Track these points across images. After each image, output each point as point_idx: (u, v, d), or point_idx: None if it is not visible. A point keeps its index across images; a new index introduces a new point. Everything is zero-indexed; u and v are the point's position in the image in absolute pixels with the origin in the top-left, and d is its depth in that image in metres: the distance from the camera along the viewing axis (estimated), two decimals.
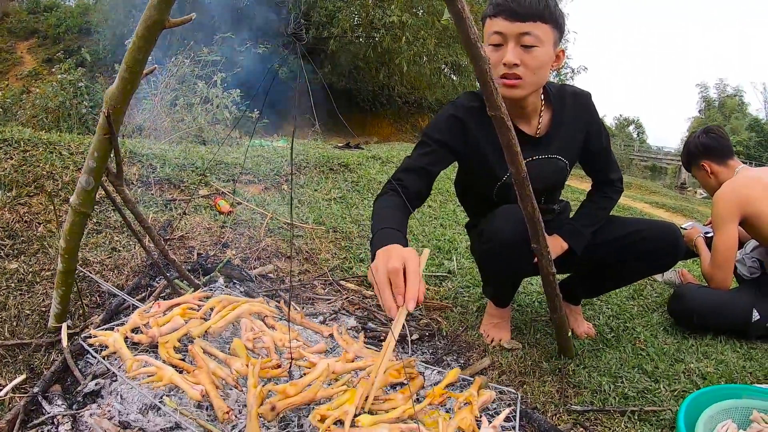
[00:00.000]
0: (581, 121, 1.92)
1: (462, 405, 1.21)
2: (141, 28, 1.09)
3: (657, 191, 14.93)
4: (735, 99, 48.75)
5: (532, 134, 1.87)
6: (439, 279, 2.78)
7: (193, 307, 1.43)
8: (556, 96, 1.89)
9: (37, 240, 2.22)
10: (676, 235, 2.02)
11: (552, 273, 1.69)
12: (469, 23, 1.10)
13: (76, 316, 1.83)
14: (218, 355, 1.22)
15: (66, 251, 1.52)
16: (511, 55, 1.62)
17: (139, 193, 2.90)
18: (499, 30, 1.63)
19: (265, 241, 2.72)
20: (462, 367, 1.90)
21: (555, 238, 2.00)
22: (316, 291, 2.35)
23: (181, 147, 4.04)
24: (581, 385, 1.88)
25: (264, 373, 1.15)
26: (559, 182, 2.05)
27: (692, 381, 2.00)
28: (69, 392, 1.47)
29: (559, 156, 1.92)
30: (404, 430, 1.03)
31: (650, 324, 2.53)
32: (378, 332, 2.04)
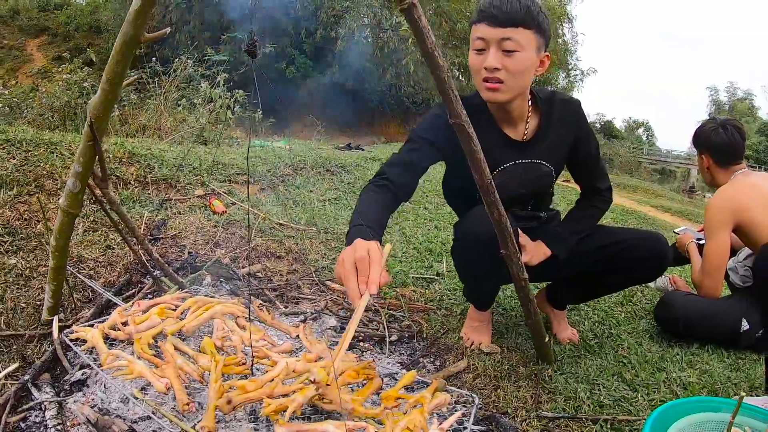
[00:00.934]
0: (569, 127, 1.95)
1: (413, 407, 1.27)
2: (118, 43, 1.18)
3: (663, 195, 14.96)
4: (745, 102, 48.48)
5: (518, 139, 1.91)
6: (426, 281, 2.83)
7: (171, 307, 1.51)
8: (545, 102, 1.91)
9: (36, 237, 2.31)
10: (663, 246, 2.02)
11: (523, 279, 1.70)
12: (426, 33, 1.14)
13: (69, 310, 1.92)
14: (188, 351, 1.31)
15: (56, 249, 1.61)
16: (492, 59, 1.66)
17: (136, 193, 2.99)
18: (481, 35, 1.67)
19: (256, 241, 2.81)
20: (438, 369, 1.94)
21: (539, 244, 2.01)
22: (302, 291, 2.43)
23: (180, 148, 4.13)
24: (556, 391, 1.87)
25: (228, 370, 1.24)
26: (545, 188, 2.05)
27: (672, 390, 1.98)
28: (57, 381, 1.56)
29: (543, 161, 1.95)
30: (351, 428, 1.10)
31: (636, 331, 2.52)
32: (357, 332, 2.11)
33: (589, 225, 2.08)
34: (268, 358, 1.31)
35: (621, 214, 7.21)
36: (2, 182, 2.58)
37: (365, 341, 2.04)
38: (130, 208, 2.83)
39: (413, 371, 1.54)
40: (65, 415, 1.41)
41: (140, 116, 6.56)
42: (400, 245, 3.35)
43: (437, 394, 1.33)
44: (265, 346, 1.37)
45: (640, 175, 29.59)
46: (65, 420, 1.38)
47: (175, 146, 4.39)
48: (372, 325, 2.20)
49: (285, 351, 1.40)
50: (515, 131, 1.91)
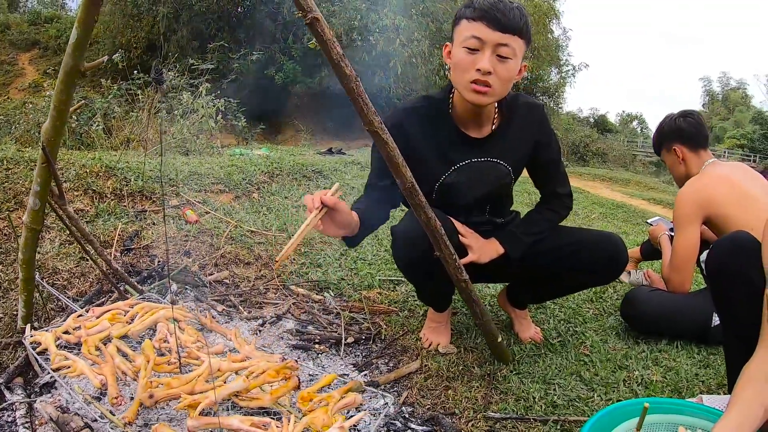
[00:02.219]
0: (530, 130, 1.95)
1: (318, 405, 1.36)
2: (61, 73, 1.30)
3: (655, 187, 15.00)
4: (738, 92, 48.77)
5: (476, 137, 1.92)
6: (393, 283, 2.91)
7: (122, 313, 1.64)
8: (508, 104, 1.92)
9: (14, 251, 2.42)
10: (618, 248, 2.01)
11: (464, 280, 1.72)
12: (330, 44, 1.21)
13: (43, 319, 2.04)
14: (128, 352, 1.43)
15: (23, 262, 1.73)
16: (487, 62, 1.66)
17: (112, 206, 3.10)
18: (479, 36, 1.66)
19: (225, 248, 2.93)
20: (391, 370, 2.01)
21: (492, 241, 2.00)
22: (266, 296, 2.55)
23: (158, 159, 4.24)
24: (509, 391, 1.90)
25: (159, 369, 1.36)
26: (503, 188, 2.04)
27: (632, 390, 1.98)
28: (29, 384, 1.68)
29: (500, 160, 1.94)
30: (255, 422, 1.21)
31: (603, 328, 2.52)
32: (314, 334, 2.22)
33: (546, 227, 2.06)
34: (198, 358, 1.43)
35: (611, 208, 7.27)
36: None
37: (321, 343, 2.14)
38: (106, 220, 2.94)
39: (333, 373, 1.62)
40: (34, 414, 1.53)
41: (125, 128, 6.68)
42: (372, 247, 3.46)
43: (349, 394, 1.42)
44: (197, 347, 1.49)
45: (635, 168, 29.61)
46: (33, 419, 1.50)
47: (155, 158, 4.50)
48: (331, 327, 2.31)
49: (217, 352, 1.52)
50: (479, 132, 1.93)
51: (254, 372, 1.37)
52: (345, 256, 3.24)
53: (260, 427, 1.19)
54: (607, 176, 14.89)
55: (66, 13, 27.46)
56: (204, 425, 1.17)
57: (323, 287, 2.76)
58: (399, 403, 1.78)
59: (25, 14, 27.82)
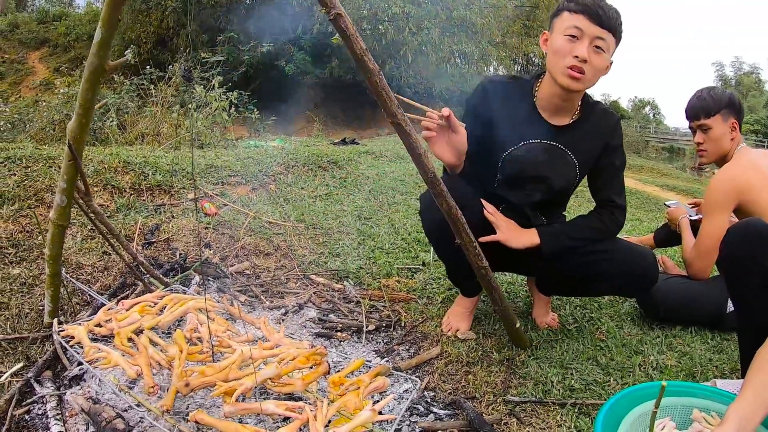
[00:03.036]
0: (602, 134, 2.01)
1: (349, 389, 1.39)
2: (86, 72, 1.32)
3: (669, 173, 14.91)
4: (752, 77, 48.11)
5: (553, 123, 2.00)
6: (411, 271, 2.94)
7: (151, 305, 1.67)
8: (590, 105, 2.03)
9: (37, 248, 2.47)
10: (649, 265, 2.03)
11: (483, 267, 1.75)
12: (354, 39, 1.25)
13: (69, 313, 2.08)
14: (161, 343, 1.47)
15: (50, 258, 1.76)
16: (584, 50, 1.79)
17: (131, 200, 3.15)
18: (580, 26, 1.79)
19: (245, 240, 2.96)
20: (412, 356, 2.04)
21: (530, 230, 2.02)
22: (287, 286, 2.58)
23: (174, 154, 4.28)
24: (528, 375, 1.92)
25: (192, 358, 1.40)
26: (564, 182, 2.05)
27: (647, 374, 2.00)
28: (58, 377, 1.72)
29: (569, 151, 2.00)
30: (291, 407, 1.24)
31: (618, 314, 2.54)
32: (335, 322, 2.25)
33: (590, 237, 2.04)
34: (229, 347, 1.46)
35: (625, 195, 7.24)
36: (5, 198, 2.74)
37: (343, 331, 2.17)
38: (126, 214, 2.98)
39: (361, 359, 1.66)
40: (64, 406, 1.57)
41: (139, 123, 6.73)
42: (389, 236, 3.48)
43: (378, 378, 1.44)
44: (228, 336, 1.52)
45: (648, 154, 29.35)
46: (64, 411, 1.54)
47: (171, 152, 4.55)
48: (352, 315, 2.34)
49: (247, 341, 1.55)
50: (556, 119, 2.00)
51: (285, 359, 1.40)
52: (363, 245, 3.26)
53: (295, 410, 1.21)
54: None
55: (74, 10, 27.59)
56: (241, 411, 1.21)
57: (343, 276, 2.79)
58: (421, 388, 1.81)
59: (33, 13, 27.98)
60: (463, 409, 1.68)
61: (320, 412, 1.24)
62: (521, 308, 2.52)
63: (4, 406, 1.54)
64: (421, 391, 1.80)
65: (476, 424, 1.58)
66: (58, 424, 1.44)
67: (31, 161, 3.18)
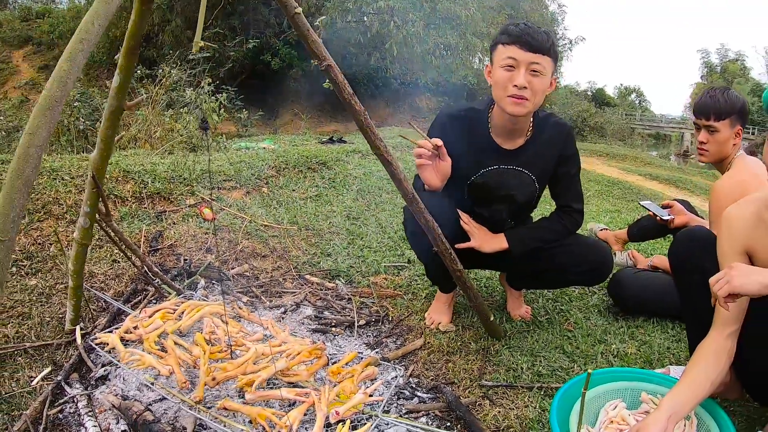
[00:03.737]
0: (556, 146, 2.19)
1: (345, 377, 1.64)
2: (107, 112, 1.54)
3: (652, 162, 15.10)
4: (737, 64, 48.50)
5: (507, 148, 2.18)
6: (397, 269, 3.16)
7: (170, 311, 1.89)
8: (540, 121, 2.20)
9: (50, 259, 2.68)
10: (605, 259, 2.29)
11: (458, 270, 2.01)
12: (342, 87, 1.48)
13: (87, 319, 2.29)
14: (184, 345, 1.70)
15: (74, 272, 1.98)
16: (521, 78, 1.93)
17: (134, 208, 3.35)
18: (513, 56, 1.94)
19: (243, 243, 3.18)
20: (398, 347, 2.28)
21: (499, 236, 2.25)
22: (284, 286, 2.80)
23: (170, 159, 4.47)
24: (501, 363, 2.16)
25: (213, 356, 1.63)
26: (526, 196, 2.26)
27: (608, 361, 2.22)
28: (84, 378, 1.93)
29: (525, 169, 2.19)
30: (299, 393, 1.49)
31: (587, 306, 2.76)
32: (329, 318, 2.48)
33: (552, 238, 2.27)
34: (243, 345, 1.70)
35: (606, 186, 7.43)
36: None
37: (337, 326, 2.40)
38: (130, 223, 3.19)
39: (354, 351, 1.90)
40: (93, 404, 1.78)
41: (131, 126, 6.88)
42: (376, 235, 3.70)
43: (369, 368, 1.69)
44: (242, 336, 1.76)
45: (634, 141, 29.65)
46: (94, 408, 1.76)
47: (166, 157, 4.73)
48: (344, 312, 2.57)
49: (257, 339, 1.79)
50: (511, 143, 2.18)
51: (291, 354, 1.65)
52: (352, 244, 3.49)
53: (303, 395, 1.46)
54: (604, 152, 15.02)
55: (56, 6, 27.39)
56: (260, 397, 1.45)
57: (334, 275, 3.01)
58: (406, 375, 2.05)
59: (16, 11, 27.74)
60: (443, 393, 1.93)
61: (323, 396, 1.48)
62: (498, 302, 2.77)
63: (38, 408, 1.73)
64: (406, 377, 2.04)
65: (454, 406, 1.83)
66: (91, 419, 1.66)
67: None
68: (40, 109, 0.91)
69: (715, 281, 1.47)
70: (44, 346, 2.10)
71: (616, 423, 1.67)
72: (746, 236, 1.61)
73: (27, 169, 0.89)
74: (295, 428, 1.38)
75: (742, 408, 1.94)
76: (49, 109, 0.91)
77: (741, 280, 1.41)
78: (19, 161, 0.90)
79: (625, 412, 1.71)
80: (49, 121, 0.92)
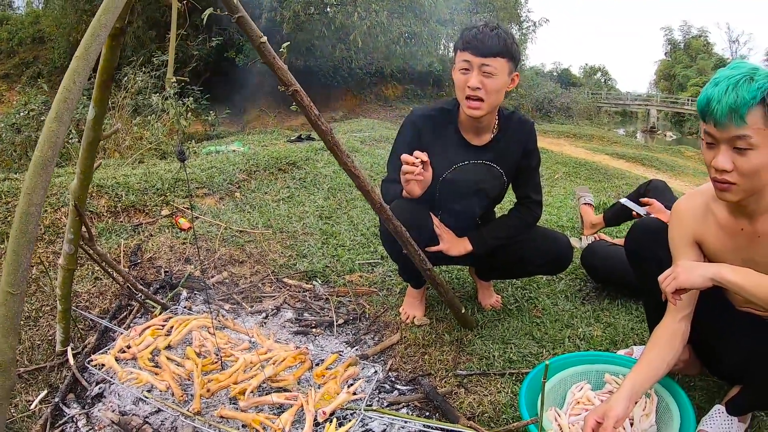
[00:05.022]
0: (520, 141, 2.34)
1: (329, 379, 1.78)
2: (84, 143, 1.63)
3: (619, 141, 15.42)
4: (700, 40, 49.36)
5: (476, 144, 2.31)
6: (371, 266, 3.29)
7: (159, 327, 1.99)
8: (506, 118, 2.34)
9: (33, 281, 2.73)
10: (563, 249, 2.45)
11: (428, 269, 2.15)
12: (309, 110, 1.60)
13: (76, 338, 2.36)
14: (176, 359, 1.81)
15: (62, 297, 2.06)
16: (474, 80, 2.08)
17: (110, 223, 3.40)
18: (467, 59, 2.09)
19: (220, 250, 3.27)
20: (376, 343, 2.42)
21: (463, 239, 2.39)
22: (263, 290, 2.91)
23: (142, 169, 4.50)
24: (474, 352, 2.30)
25: (205, 368, 1.75)
26: (496, 189, 2.39)
27: (576, 345, 2.37)
28: (80, 397, 2.00)
29: (494, 164, 2.33)
30: (288, 396, 1.62)
31: (554, 292, 2.91)
32: (309, 320, 2.60)
33: (511, 234, 2.42)
34: (232, 356, 1.82)
35: (574, 167, 7.54)
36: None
37: (317, 327, 2.53)
38: (108, 238, 3.24)
39: (335, 353, 2.04)
40: (92, 422, 1.87)
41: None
42: (349, 233, 3.82)
43: (350, 368, 1.82)
44: (230, 346, 1.87)
45: (601, 120, 30.02)
46: (93, 426, 1.83)
47: (137, 166, 4.77)
48: (323, 312, 2.70)
49: (244, 348, 1.91)
50: (478, 139, 2.32)
51: (277, 360, 1.78)
52: (326, 244, 3.60)
53: (291, 399, 1.59)
54: (571, 132, 15.32)
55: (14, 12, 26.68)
56: (252, 404, 1.59)
57: (311, 276, 3.13)
58: (386, 370, 2.19)
59: None
60: (421, 385, 2.08)
61: (310, 398, 1.62)
62: (469, 293, 2.91)
63: (40, 431, 1.81)
64: (386, 372, 2.18)
65: (431, 396, 1.98)
66: None
67: (10, 196, 3.31)
68: (35, 169, 1.00)
69: (663, 279, 1.61)
70: (38, 370, 2.17)
71: (582, 403, 1.84)
72: (695, 227, 1.73)
73: (29, 226, 0.98)
74: (287, 430, 1.50)
75: (702, 382, 2.13)
76: (43, 169, 0.99)
77: (685, 276, 1.56)
78: (21, 220, 0.99)
79: (590, 393, 1.87)
80: (44, 180, 1.01)
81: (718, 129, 1.45)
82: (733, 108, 1.40)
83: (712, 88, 1.46)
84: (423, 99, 22.34)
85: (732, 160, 1.46)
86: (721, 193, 1.55)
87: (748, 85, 1.39)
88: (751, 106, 1.39)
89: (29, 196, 1.00)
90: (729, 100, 1.40)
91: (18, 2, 27.70)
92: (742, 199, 1.53)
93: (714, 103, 1.43)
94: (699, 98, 1.49)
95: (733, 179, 1.48)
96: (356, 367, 1.86)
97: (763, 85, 1.40)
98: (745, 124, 1.41)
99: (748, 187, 1.49)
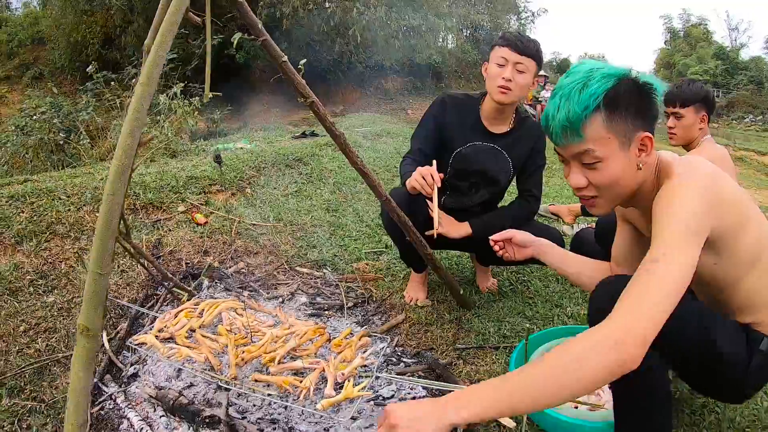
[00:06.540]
0: (531, 139, 2.62)
1: (345, 347, 2.00)
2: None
3: None
4: (699, 28, 49.09)
5: (492, 131, 2.59)
6: (376, 254, 3.53)
7: (191, 310, 2.22)
8: (522, 118, 2.65)
9: (63, 276, 2.94)
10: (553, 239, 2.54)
11: (428, 254, 2.40)
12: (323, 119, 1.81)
13: (108, 325, 2.58)
14: (210, 336, 2.04)
15: None
16: (508, 72, 2.40)
17: (131, 220, 3.62)
18: (504, 56, 2.41)
19: (236, 243, 3.49)
20: (383, 323, 2.65)
21: (464, 223, 2.55)
22: (278, 278, 3.13)
23: (155, 168, 4.72)
24: (472, 329, 2.54)
25: (238, 342, 1.97)
26: (501, 175, 2.62)
27: (563, 322, 2.59)
28: (116, 378, 2.21)
29: (504, 151, 2.60)
30: (312, 362, 1.85)
31: (546, 276, 3.15)
32: (321, 303, 2.83)
33: (509, 224, 2.48)
34: (260, 331, 2.06)
35: None
36: (23, 236, 3.14)
37: (329, 310, 2.75)
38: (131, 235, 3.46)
39: (349, 328, 2.27)
40: (129, 398, 2.08)
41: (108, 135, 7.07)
42: (355, 225, 4.05)
43: (363, 339, 2.05)
44: (257, 324, 2.11)
45: None
46: (130, 401, 2.04)
47: (150, 165, 4.98)
48: (334, 296, 2.92)
49: (270, 325, 2.14)
50: (496, 128, 2.61)
51: (299, 334, 2.02)
52: (334, 235, 3.82)
53: (315, 363, 1.85)
54: None
55: (12, 13, 26.80)
56: (282, 369, 1.83)
57: (321, 264, 3.35)
58: (392, 345, 2.43)
59: None
60: (425, 357, 2.32)
61: (330, 363, 1.85)
62: (468, 277, 3.14)
63: None
64: (392, 347, 2.42)
65: (434, 367, 2.21)
66: (132, 410, 1.96)
67: (33, 197, 3.53)
68: (116, 175, 1.22)
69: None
70: None
71: None
72: (622, 210, 1.74)
73: (113, 221, 1.21)
74: (312, 389, 1.74)
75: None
76: (122, 174, 1.22)
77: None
78: (105, 218, 1.20)
79: None
80: (123, 183, 1.23)
81: (560, 147, 1.40)
82: (566, 125, 1.33)
83: (549, 103, 1.39)
84: (423, 92, 22.48)
85: (584, 176, 1.39)
86: (590, 209, 1.49)
87: (579, 96, 1.31)
88: (585, 118, 1.31)
89: (112, 197, 1.22)
90: (561, 117, 1.33)
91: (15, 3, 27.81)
92: (612, 208, 1.47)
93: (550, 121, 1.37)
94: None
95: (593, 193, 1.42)
96: (368, 338, 2.08)
97: (596, 91, 1.30)
98: (582, 138, 1.33)
99: (612, 197, 1.42)
